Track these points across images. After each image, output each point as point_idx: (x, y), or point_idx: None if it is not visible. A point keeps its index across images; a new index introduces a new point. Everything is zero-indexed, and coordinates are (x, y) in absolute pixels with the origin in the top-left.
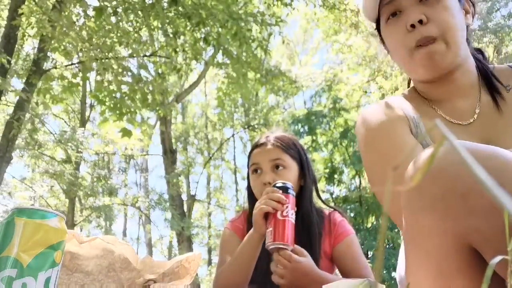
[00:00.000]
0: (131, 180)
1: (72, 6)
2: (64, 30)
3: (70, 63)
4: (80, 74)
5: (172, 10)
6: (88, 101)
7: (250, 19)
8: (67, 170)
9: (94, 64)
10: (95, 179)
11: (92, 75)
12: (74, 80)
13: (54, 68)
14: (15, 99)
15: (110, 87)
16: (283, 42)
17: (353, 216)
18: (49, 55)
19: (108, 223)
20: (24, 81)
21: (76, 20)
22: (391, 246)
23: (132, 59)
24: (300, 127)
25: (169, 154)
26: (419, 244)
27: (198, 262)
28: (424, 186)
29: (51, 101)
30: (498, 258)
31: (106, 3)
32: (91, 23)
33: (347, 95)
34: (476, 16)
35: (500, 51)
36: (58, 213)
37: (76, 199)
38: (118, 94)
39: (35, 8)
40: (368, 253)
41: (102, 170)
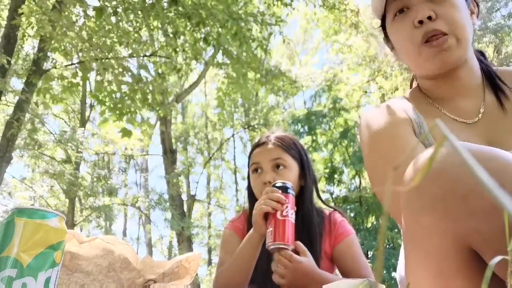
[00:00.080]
0: (131, 180)
1: (72, 6)
2: (64, 30)
3: (70, 63)
4: (80, 74)
5: (172, 10)
6: (88, 101)
7: (250, 19)
8: (67, 170)
9: (94, 64)
10: (95, 179)
11: (92, 75)
12: (74, 80)
13: (54, 68)
14: (15, 99)
15: (110, 87)
16: (284, 42)
17: (353, 216)
18: (49, 55)
19: (108, 223)
20: (24, 81)
21: (76, 20)
22: (391, 246)
23: (132, 59)
24: (300, 127)
25: (169, 154)
26: (419, 244)
27: (198, 262)
28: (424, 186)
29: (51, 101)
30: (498, 258)
31: (106, 3)
32: (91, 23)
33: (347, 95)
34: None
35: (500, 51)
36: (58, 213)
37: (76, 199)
38: (118, 94)
39: (35, 8)
40: (368, 253)
41: (102, 170)
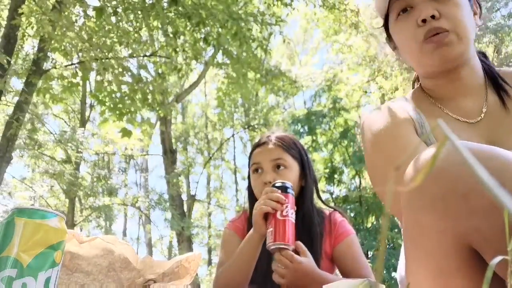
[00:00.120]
0: (131, 180)
1: (72, 6)
2: (64, 30)
3: (70, 63)
4: (80, 74)
5: (172, 10)
6: (88, 101)
7: (250, 19)
8: (67, 170)
9: (94, 64)
10: (95, 179)
11: (92, 75)
12: (74, 80)
13: (54, 68)
14: (15, 99)
15: (110, 87)
16: (284, 42)
17: (353, 216)
18: (49, 55)
19: (108, 223)
20: (24, 81)
21: (76, 20)
22: (391, 246)
23: (132, 59)
24: (300, 127)
25: (169, 154)
26: (419, 243)
27: (198, 262)
28: (425, 185)
29: (51, 101)
30: (499, 258)
31: (106, 3)
32: (91, 23)
33: (347, 95)
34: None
35: (500, 51)
36: (58, 213)
37: (76, 199)
38: (118, 94)
39: (35, 8)
40: (368, 253)
41: (102, 170)
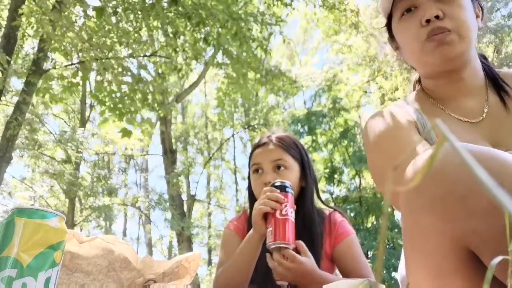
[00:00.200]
0: (131, 180)
1: (72, 6)
2: (64, 30)
3: (70, 63)
4: (80, 74)
5: (172, 10)
6: (88, 101)
7: (250, 19)
8: (67, 170)
9: (94, 64)
10: (95, 179)
11: (92, 75)
12: (74, 80)
13: (53, 69)
14: (15, 99)
15: (110, 87)
16: (284, 42)
17: (353, 216)
18: (49, 55)
19: (108, 223)
20: (24, 81)
21: (76, 20)
22: (391, 246)
23: (132, 59)
24: (300, 127)
25: (169, 154)
26: (418, 244)
27: (198, 262)
28: (423, 186)
29: (51, 101)
30: (499, 259)
31: (107, 3)
32: (91, 23)
33: (347, 95)
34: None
35: (500, 51)
36: (58, 213)
37: (76, 199)
38: (118, 94)
39: (35, 8)
40: (368, 253)
41: (102, 170)
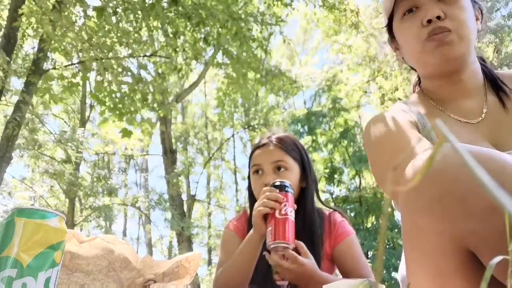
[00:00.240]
0: (131, 180)
1: (72, 6)
2: (64, 30)
3: (70, 63)
4: (80, 74)
5: (172, 10)
6: (88, 101)
7: (250, 19)
8: (67, 170)
9: (94, 64)
10: (95, 179)
11: (92, 75)
12: (74, 80)
13: (53, 69)
14: (15, 99)
15: (110, 87)
16: (284, 42)
17: (353, 216)
18: (49, 55)
19: (108, 223)
20: (24, 81)
21: (76, 20)
22: (391, 246)
23: (132, 59)
24: (300, 127)
25: (169, 154)
26: (418, 244)
27: (198, 262)
28: (422, 187)
29: (51, 101)
30: (498, 259)
31: (108, 3)
32: (91, 23)
33: (347, 95)
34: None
35: (500, 51)
36: (58, 213)
37: (76, 199)
38: (118, 94)
39: (35, 8)
40: (368, 253)
41: (102, 170)
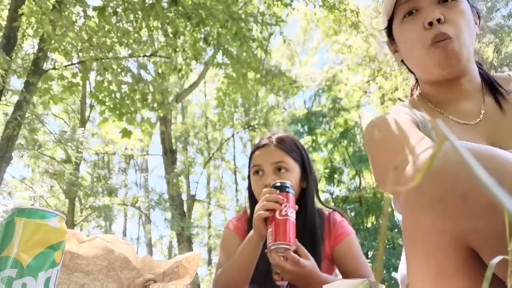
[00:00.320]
0: (131, 180)
1: (72, 6)
2: (64, 30)
3: (70, 63)
4: (80, 74)
5: (172, 10)
6: (88, 101)
7: (250, 19)
8: (67, 170)
9: (94, 64)
10: (95, 179)
11: (92, 75)
12: (74, 80)
13: (53, 69)
14: (15, 98)
15: (110, 87)
16: (284, 42)
17: (353, 216)
18: (48, 55)
19: (108, 223)
20: (24, 81)
21: (76, 20)
22: (391, 246)
23: (132, 59)
24: (300, 127)
25: (169, 154)
26: (419, 243)
27: (198, 262)
28: (423, 185)
29: (50, 101)
30: (498, 258)
31: (109, 3)
32: (91, 23)
33: (347, 95)
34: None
35: (500, 51)
36: (58, 213)
37: (76, 199)
38: (118, 94)
39: (35, 8)
40: (368, 253)
41: (102, 170)
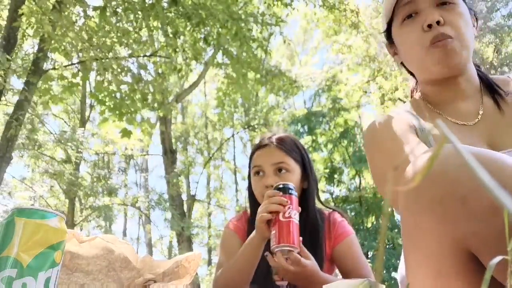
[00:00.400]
0: (131, 180)
1: (72, 6)
2: (64, 30)
3: (70, 63)
4: (80, 74)
5: (172, 10)
6: (88, 101)
7: (250, 19)
8: (67, 170)
9: (94, 64)
10: (95, 179)
11: (92, 75)
12: (74, 80)
13: (53, 69)
14: (15, 98)
15: (110, 87)
16: (284, 42)
17: (353, 216)
18: (48, 55)
19: (108, 223)
20: (24, 81)
21: (76, 20)
22: (391, 246)
23: (132, 59)
24: (300, 127)
25: (169, 154)
26: (418, 245)
27: (198, 262)
28: (423, 188)
29: (51, 101)
30: (498, 259)
31: (111, 2)
32: (91, 23)
33: (347, 95)
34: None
35: (500, 51)
36: (58, 213)
37: (76, 199)
38: (118, 94)
39: (35, 8)
40: (368, 253)
41: (102, 170)
